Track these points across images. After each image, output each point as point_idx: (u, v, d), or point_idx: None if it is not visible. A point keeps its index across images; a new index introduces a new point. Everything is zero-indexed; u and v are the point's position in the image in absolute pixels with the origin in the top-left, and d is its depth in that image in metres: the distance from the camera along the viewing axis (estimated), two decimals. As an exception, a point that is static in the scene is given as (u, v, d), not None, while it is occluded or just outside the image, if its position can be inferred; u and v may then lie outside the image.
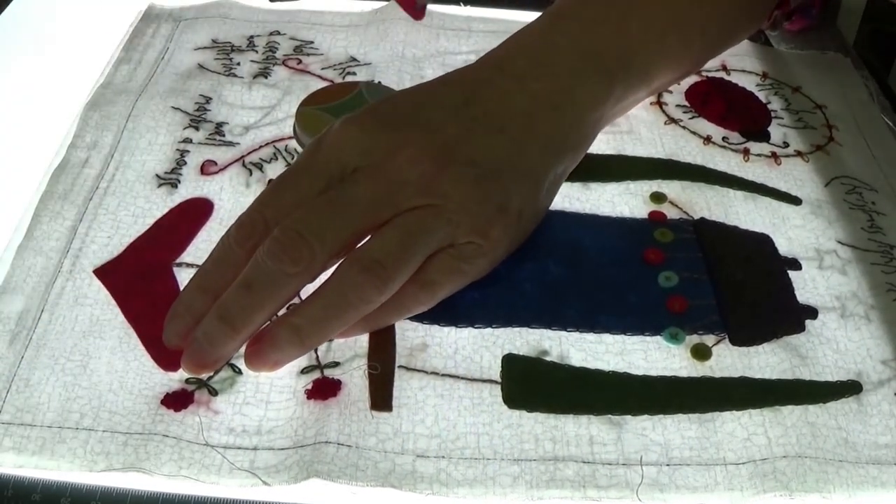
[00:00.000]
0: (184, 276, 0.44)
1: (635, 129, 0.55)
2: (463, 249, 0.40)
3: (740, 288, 0.45)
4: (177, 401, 0.39)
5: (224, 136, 0.53)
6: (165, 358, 0.40)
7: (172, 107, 0.54)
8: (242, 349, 0.38)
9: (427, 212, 0.39)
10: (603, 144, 0.53)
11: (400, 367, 0.41)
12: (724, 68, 0.61)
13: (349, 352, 0.41)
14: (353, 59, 0.59)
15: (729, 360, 0.42)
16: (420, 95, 0.44)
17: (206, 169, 0.50)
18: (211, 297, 0.37)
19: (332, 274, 0.38)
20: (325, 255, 0.37)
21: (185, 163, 0.50)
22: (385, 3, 0.64)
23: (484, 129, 0.42)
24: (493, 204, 0.40)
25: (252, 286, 0.37)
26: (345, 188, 0.39)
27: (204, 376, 0.40)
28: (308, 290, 0.39)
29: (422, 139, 0.40)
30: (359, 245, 0.39)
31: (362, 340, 0.42)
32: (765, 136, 0.56)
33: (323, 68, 0.58)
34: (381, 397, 0.39)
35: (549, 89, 0.44)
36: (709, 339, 0.43)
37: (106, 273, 0.44)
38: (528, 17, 0.66)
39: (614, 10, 0.47)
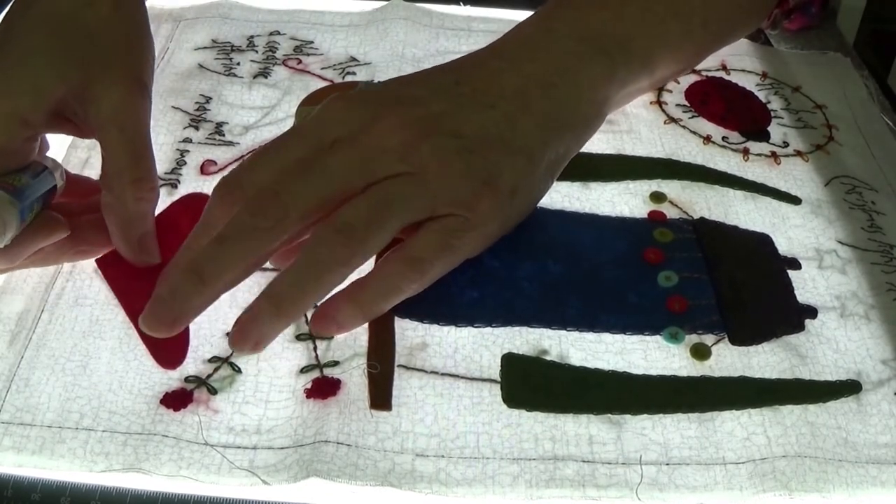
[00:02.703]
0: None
1: (635, 128, 0.55)
2: (447, 223, 0.40)
3: (740, 288, 0.45)
4: (176, 400, 0.39)
5: (224, 135, 0.53)
6: (164, 356, 0.40)
7: (172, 106, 0.54)
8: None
9: (402, 179, 0.39)
10: (603, 144, 0.53)
11: (399, 366, 0.41)
12: (724, 68, 0.61)
13: (349, 351, 0.41)
14: (353, 59, 0.59)
15: (728, 360, 0.42)
16: (410, 77, 0.44)
17: (206, 169, 0.50)
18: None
19: (307, 241, 0.38)
20: (297, 214, 0.37)
21: (185, 162, 0.50)
22: (385, 2, 0.64)
23: (473, 105, 0.42)
24: (477, 177, 0.40)
25: (224, 240, 0.37)
26: (323, 155, 0.39)
27: (203, 374, 0.40)
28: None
29: (405, 111, 0.40)
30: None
31: (362, 339, 0.42)
32: (764, 136, 0.56)
33: (323, 68, 0.59)
34: (381, 396, 0.39)
35: (544, 70, 0.44)
36: (708, 339, 0.43)
37: (107, 264, 0.43)
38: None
39: None
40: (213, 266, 0.36)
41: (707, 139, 0.55)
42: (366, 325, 0.42)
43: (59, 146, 0.50)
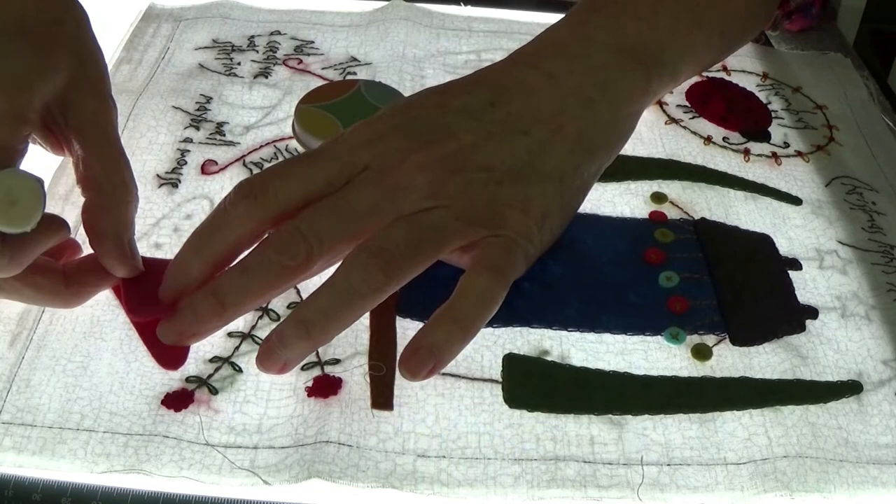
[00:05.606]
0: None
1: (636, 128, 0.55)
2: (499, 240, 0.39)
3: (741, 288, 0.45)
4: (177, 401, 0.39)
5: (225, 135, 0.53)
6: (165, 357, 0.40)
7: (173, 106, 0.54)
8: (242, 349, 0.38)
9: (434, 210, 0.39)
10: (603, 144, 0.53)
11: (401, 366, 0.41)
12: (725, 68, 0.61)
13: (350, 349, 0.41)
14: (354, 59, 0.59)
15: (729, 360, 0.42)
16: (446, 97, 0.43)
17: (207, 168, 0.50)
18: (203, 259, 0.38)
19: (339, 265, 0.38)
20: (323, 254, 0.37)
21: (186, 162, 0.50)
22: (385, 2, 0.64)
23: (505, 133, 0.41)
24: (506, 205, 0.40)
25: (249, 269, 0.37)
26: (350, 191, 0.39)
27: (204, 374, 0.40)
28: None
29: (435, 146, 0.40)
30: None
31: (363, 337, 0.42)
32: (765, 137, 0.56)
33: (323, 68, 0.58)
34: (383, 396, 0.39)
35: (584, 84, 0.43)
36: (709, 339, 0.43)
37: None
38: (528, 17, 0.66)
39: (644, 6, 0.47)
40: (235, 295, 0.37)
41: (708, 140, 0.55)
42: (367, 324, 0.42)
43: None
